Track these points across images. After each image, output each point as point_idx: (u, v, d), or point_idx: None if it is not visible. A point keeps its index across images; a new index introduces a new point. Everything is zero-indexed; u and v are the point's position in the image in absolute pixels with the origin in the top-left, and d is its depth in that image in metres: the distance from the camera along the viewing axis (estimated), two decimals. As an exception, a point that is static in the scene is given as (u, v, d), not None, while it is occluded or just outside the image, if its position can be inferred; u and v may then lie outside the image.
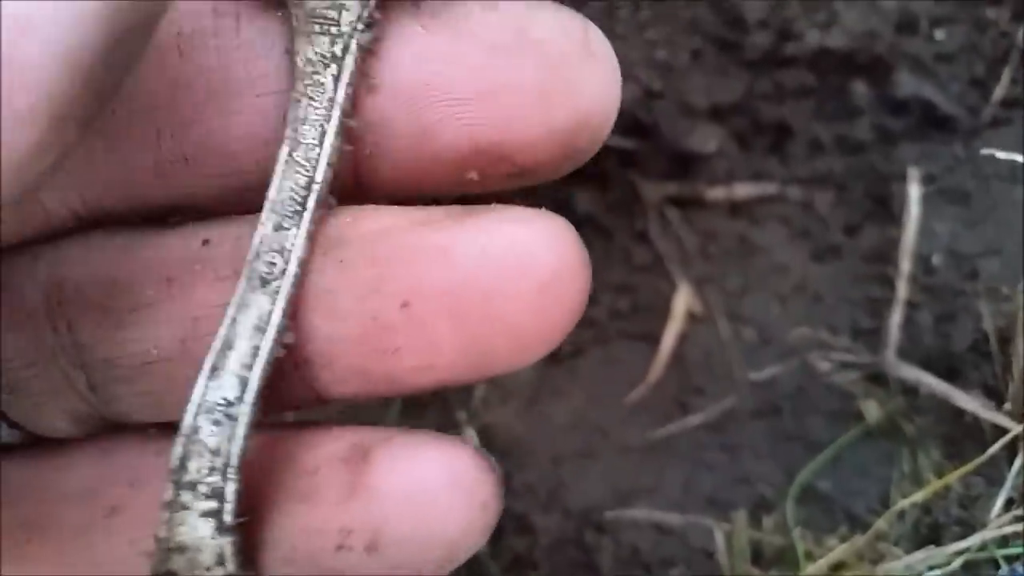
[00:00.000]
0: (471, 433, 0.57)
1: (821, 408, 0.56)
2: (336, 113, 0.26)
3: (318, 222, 0.26)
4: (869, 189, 0.61)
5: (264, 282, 0.26)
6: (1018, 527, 0.49)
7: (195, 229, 0.28)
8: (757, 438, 0.56)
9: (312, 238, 0.26)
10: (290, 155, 0.26)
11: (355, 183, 0.28)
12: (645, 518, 0.53)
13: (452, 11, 0.26)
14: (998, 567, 0.49)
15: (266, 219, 0.26)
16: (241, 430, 0.25)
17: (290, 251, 0.26)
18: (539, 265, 0.25)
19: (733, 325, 0.60)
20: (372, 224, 0.27)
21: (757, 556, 0.50)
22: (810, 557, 0.48)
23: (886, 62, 0.60)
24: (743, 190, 0.62)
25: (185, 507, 0.25)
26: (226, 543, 0.25)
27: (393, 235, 0.26)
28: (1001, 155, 0.48)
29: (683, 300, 0.61)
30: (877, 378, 0.55)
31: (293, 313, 0.26)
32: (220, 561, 0.25)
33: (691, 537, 0.53)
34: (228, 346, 0.26)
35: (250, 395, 0.25)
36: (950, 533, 0.50)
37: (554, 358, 0.61)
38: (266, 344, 0.26)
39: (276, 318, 0.26)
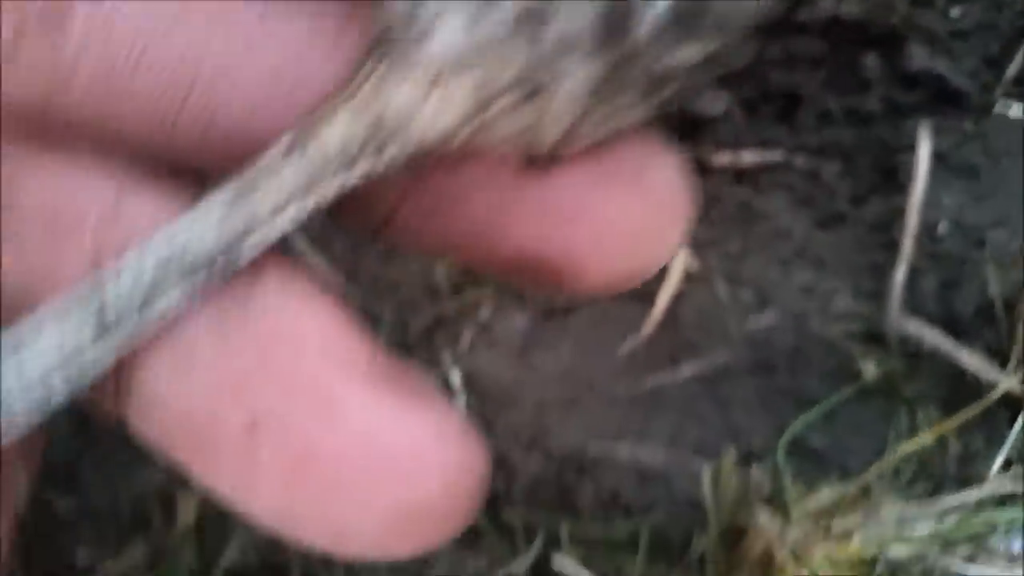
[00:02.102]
0: (456, 375, 0.55)
1: (817, 367, 0.54)
2: None
3: None
4: (877, 161, 0.60)
5: None
6: (1017, 487, 0.47)
7: None
8: (749, 393, 0.54)
9: None
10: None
11: None
12: (628, 459, 0.51)
13: None
14: (995, 529, 0.47)
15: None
16: None
17: None
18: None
19: (731, 286, 0.58)
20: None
21: (745, 504, 0.47)
22: (799, 504, 0.46)
23: (899, 35, 0.60)
24: (749, 157, 0.61)
25: None
26: None
27: None
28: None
29: (681, 260, 0.60)
30: (876, 339, 0.53)
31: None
32: None
33: (675, 483, 0.50)
34: None
35: None
36: (947, 491, 0.48)
37: (546, 314, 0.60)
38: None
39: None
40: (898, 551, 0.45)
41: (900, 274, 0.52)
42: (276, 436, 0.15)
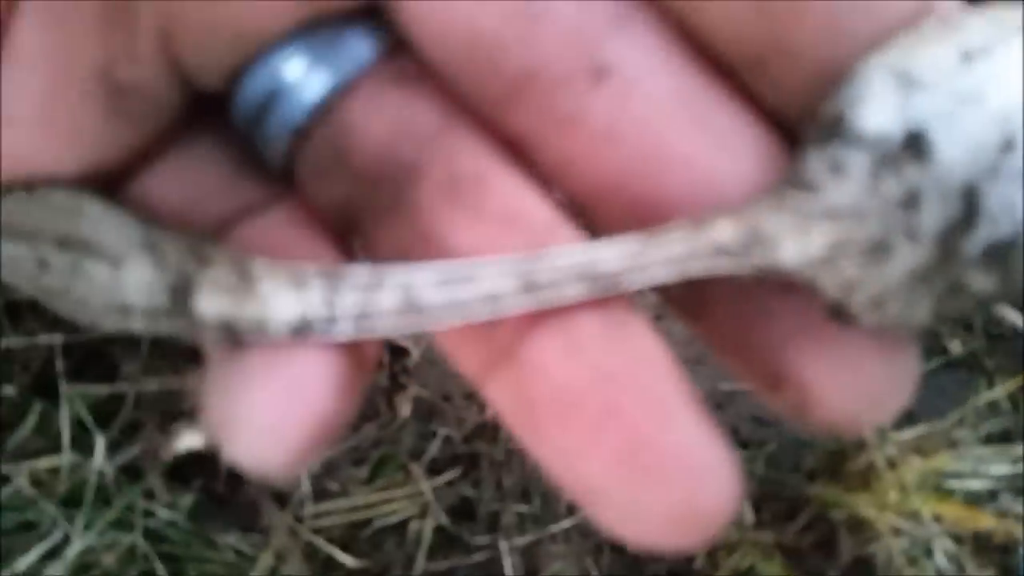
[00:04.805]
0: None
1: (910, 343, 0.64)
2: None
3: None
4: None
5: None
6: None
7: None
8: (851, 361, 0.64)
9: None
10: None
11: None
12: (745, 405, 0.61)
13: None
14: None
15: None
16: None
17: None
18: None
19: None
20: None
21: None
22: (894, 433, 0.56)
23: None
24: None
25: None
26: None
27: None
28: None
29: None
30: (962, 321, 0.63)
31: None
32: None
33: (785, 427, 0.61)
34: None
35: None
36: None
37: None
38: None
39: None
40: (974, 485, 0.55)
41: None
42: (621, 425, 0.17)
